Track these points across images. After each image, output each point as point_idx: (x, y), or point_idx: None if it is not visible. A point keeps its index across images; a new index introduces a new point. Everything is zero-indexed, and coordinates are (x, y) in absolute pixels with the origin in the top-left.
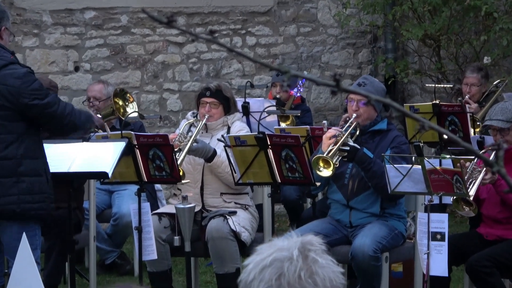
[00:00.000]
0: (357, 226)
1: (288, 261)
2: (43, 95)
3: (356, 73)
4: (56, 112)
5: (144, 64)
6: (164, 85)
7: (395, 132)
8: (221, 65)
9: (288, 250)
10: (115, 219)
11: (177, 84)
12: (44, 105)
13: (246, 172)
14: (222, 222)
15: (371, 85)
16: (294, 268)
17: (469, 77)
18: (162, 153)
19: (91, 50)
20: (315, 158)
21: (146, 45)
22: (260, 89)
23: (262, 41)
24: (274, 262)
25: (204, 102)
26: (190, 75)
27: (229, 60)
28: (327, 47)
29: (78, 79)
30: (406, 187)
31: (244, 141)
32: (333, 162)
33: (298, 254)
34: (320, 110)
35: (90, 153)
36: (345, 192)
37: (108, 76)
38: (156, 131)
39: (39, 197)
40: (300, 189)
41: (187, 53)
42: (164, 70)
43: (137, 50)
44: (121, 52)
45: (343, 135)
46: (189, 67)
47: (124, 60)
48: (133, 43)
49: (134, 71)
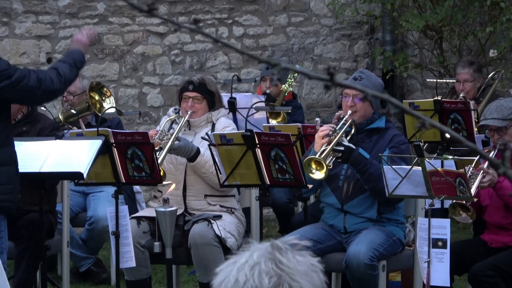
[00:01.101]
0: (352, 232)
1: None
2: (11, 73)
3: (352, 66)
4: (27, 85)
5: (123, 56)
6: (144, 79)
7: (394, 130)
8: (205, 57)
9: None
10: (90, 223)
11: (158, 77)
12: (14, 82)
13: (233, 173)
14: (206, 226)
15: (368, 79)
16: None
17: (461, 73)
18: (141, 152)
19: (65, 40)
20: (307, 159)
21: (125, 36)
22: (247, 83)
23: (250, 32)
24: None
25: (186, 96)
26: (172, 68)
27: (214, 52)
28: (321, 39)
29: None
30: (405, 190)
31: (230, 139)
32: (326, 164)
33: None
34: (312, 107)
35: (64, 151)
36: (339, 195)
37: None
38: (135, 128)
39: (6, 188)
40: (290, 191)
41: (169, 44)
42: (144, 63)
43: (115, 41)
44: (98, 43)
45: (337, 134)
46: (171, 59)
47: (101, 52)
48: (111, 33)
49: (111, 64)
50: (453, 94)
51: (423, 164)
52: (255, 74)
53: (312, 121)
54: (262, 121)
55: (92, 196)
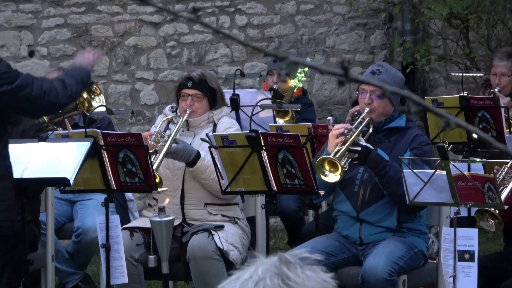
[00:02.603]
0: (369, 244)
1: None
2: (12, 77)
3: (368, 59)
4: (30, 94)
5: (113, 48)
6: (137, 74)
7: (415, 130)
8: (205, 50)
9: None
10: (77, 235)
11: (152, 72)
12: (15, 89)
13: (236, 179)
14: (206, 238)
15: (387, 73)
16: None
17: (498, 65)
18: (134, 155)
19: (48, 31)
20: (320, 159)
21: (115, 26)
22: (252, 78)
23: (255, 21)
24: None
25: (185, 94)
26: (167, 61)
27: (214, 44)
28: (333, 28)
29: (33, 66)
30: (428, 196)
31: (233, 141)
32: (342, 165)
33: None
34: (324, 104)
35: (48, 155)
36: (354, 202)
37: (69, 62)
38: (127, 129)
39: (3, 205)
40: (300, 199)
41: (164, 35)
42: (136, 56)
43: (104, 32)
44: (85, 34)
45: (353, 133)
46: (166, 52)
47: (89, 44)
48: (99, 23)
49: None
50: (487, 88)
51: (447, 168)
52: (260, 68)
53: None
54: (269, 120)
55: (79, 205)
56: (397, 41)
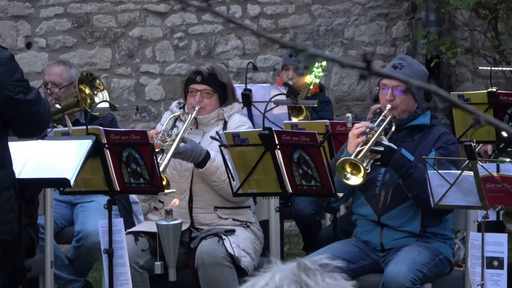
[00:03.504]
0: (390, 250)
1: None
2: (26, 88)
3: (389, 52)
4: (39, 112)
5: (116, 39)
6: (142, 67)
7: (441, 128)
8: (214, 42)
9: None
10: (78, 240)
11: (158, 65)
12: (29, 102)
13: (248, 180)
14: (216, 243)
15: (410, 67)
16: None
17: None
18: (139, 154)
19: (47, 21)
20: (340, 161)
21: (118, 16)
22: (265, 72)
23: (268, 11)
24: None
25: (193, 89)
26: (175, 54)
27: (225, 35)
28: (352, 19)
29: (30, 59)
30: (454, 199)
31: (245, 139)
32: (364, 167)
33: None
34: (342, 100)
35: (47, 154)
36: (375, 205)
37: (69, 55)
38: (131, 126)
39: (7, 218)
40: (316, 201)
41: (171, 26)
42: (141, 48)
43: (107, 22)
44: (86, 24)
45: (375, 131)
46: (173, 44)
47: (90, 35)
48: (102, 12)
49: (102, 49)
50: None
51: (475, 169)
52: (273, 62)
53: (342, 118)
54: (283, 117)
55: (80, 207)
56: (420, 33)
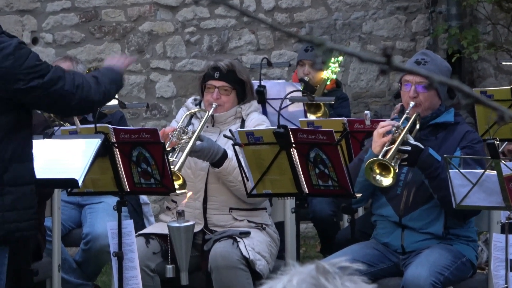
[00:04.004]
0: (411, 252)
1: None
2: (43, 70)
3: (409, 47)
4: (63, 89)
5: (125, 34)
6: (152, 63)
7: (465, 126)
8: (228, 36)
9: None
10: (86, 242)
11: (169, 61)
12: (47, 83)
13: (262, 180)
14: (230, 246)
15: (433, 63)
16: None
17: None
18: (149, 153)
19: (54, 16)
20: (369, 163)
21: (128, 10)
22: (280, 68)
23: (283, 4)
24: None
25: (211, 86)
26: (186, 49)
27: (238, 30)
28: (370, 13)
29: None
30: (477, 199)
31: (259, 137)
32: (394, 167)
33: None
34: (360, 97)
35: (54, 153)
36: (397, 205)
37: (77, 50)
38: (141, 124)
39: (26, 214)
40: (334, 202)
41: (182, 20)
42: (151, 43)
43: (116, 16)
44: (94, 19)
45: (402, 130)
46: (185, 39)
47: (99, 30)
48: (110, 6)
49: (111, 44)
50: None
51: (498, 168)
52: (289, 57)
53: (359, 115)
54: (299, 114)
55: (88, 209)
56: (441, 27)
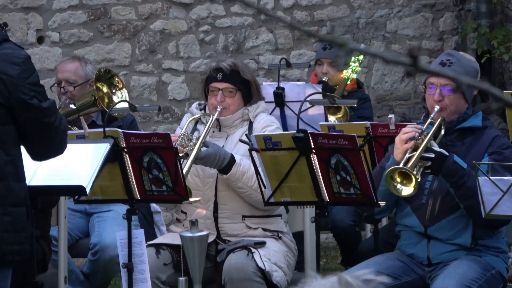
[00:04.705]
0: (438, 264)
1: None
2: (42, 94)
3: (436, 46)
4: (54, 124)
5: (136, 33)
6: (164, 64)
7: (494, 130)
8: (244, 36)
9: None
10: (94, 253)
11: (182, 62)
12: (43, 110)
13: (280, 187)
14: (245, 257)
15: (459, 64)
16: None
17: None
18: (161, 159)
19: (60, 13)
20: (389, 171)
21: (139, 7)
22: (299, 69)
23: (303, 1)
24: None
25: (214, 88)
26: (200, 49)
27: (255, 29)
28: (395, 10)
29: (42, 55)
30: (507, 208)
31: (277, 142)
32: (415, 176)
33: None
34: (384, 100)
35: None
36: (422, 215)
37: (85, 50)
38: (152, 128)
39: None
40: (356, 211)
41: (196, 18)
42: (163, 42)
43: (126, 14)
44: (103, 17)
45: (425, 136)
46: (199, 38)
47: (108, 28)
48: (120, 3)
49: (121, 44)
50: None
51: None
52: (308, 57)
53: (384, 119)
54: (319, 118)
55: (97, 217)
56: (470, 26)
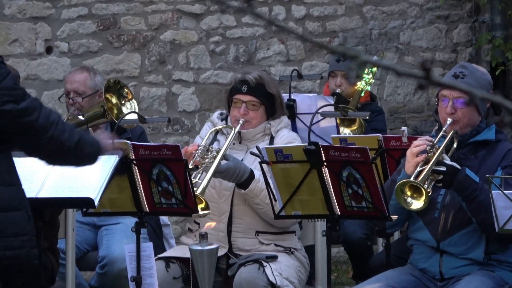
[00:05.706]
0: (450, 279)
1: None
2: (19, 96)
3: (450, 58)
4: (36, 122)
5: (146, 43)
6: (174, 75)
7: (508, 144)
8: (255, 47)
9: None
10: (103, 266)
11: (192, 73)
12: (20, 111)
13: (291, 200)
14: (256, 271)
15: (472, 76)
16: None
17: None
18: (170, 171)
19: (69, 23)
20: (400, 184)
21: (149, 17)
22: (311, 80)
23: (315, 12)
24: None
25: (238, 100)
26: (211, 60)
27: (267, 39)
28: (408, 22)
29: (51, 65)
30: None
31: (288, 155)
32: (426, 190)
33: None
34: (397, 112)
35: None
36: (434, 229)
37: (94, 60)
38: (162, 140)
39: (16, 241)
40: (368, 225)
41: (207, 29)
42: (174, 53)
43: (136, 24)
44: (113, 27)
45: (436, 149)
46: (209, 49)
47: (117, 38)
48: (130, 13)
49: (130, 54)
50: None
51: None
52: (320, 69)
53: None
54: (331, 130)
55: (105, 230)
56: (485, 37)
